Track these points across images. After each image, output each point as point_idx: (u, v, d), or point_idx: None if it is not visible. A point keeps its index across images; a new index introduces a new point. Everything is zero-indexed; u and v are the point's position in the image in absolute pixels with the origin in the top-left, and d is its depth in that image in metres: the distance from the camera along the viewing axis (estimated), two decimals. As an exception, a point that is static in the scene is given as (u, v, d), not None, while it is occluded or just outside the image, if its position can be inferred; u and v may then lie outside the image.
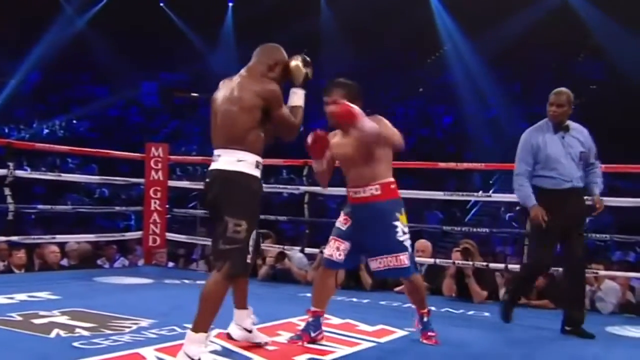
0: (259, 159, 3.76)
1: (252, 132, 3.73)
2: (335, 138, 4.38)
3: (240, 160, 3.69)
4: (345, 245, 4.29)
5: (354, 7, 23.49)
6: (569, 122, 5.11)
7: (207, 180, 3.80)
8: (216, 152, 3.78)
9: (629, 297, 6.56)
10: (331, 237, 4.35)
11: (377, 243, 4.21)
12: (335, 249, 4.31)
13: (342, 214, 4.39)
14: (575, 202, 5.03)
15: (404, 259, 4.17)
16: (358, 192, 4.26)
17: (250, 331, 4.12)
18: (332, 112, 4.17)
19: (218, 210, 3.70)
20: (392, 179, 4.28)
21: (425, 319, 4.45)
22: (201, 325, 3.58)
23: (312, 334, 4.27)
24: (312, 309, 4.35)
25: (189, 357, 3.52)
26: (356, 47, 24.60)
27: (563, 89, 5.18)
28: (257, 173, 3.74)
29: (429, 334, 4.41)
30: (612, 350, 4.68)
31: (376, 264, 4.24)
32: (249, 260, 3.75)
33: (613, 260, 10.57)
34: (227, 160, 3.71)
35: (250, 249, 3.72)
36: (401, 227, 4.19)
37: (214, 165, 3.77)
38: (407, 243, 4.22)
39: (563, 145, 5.04)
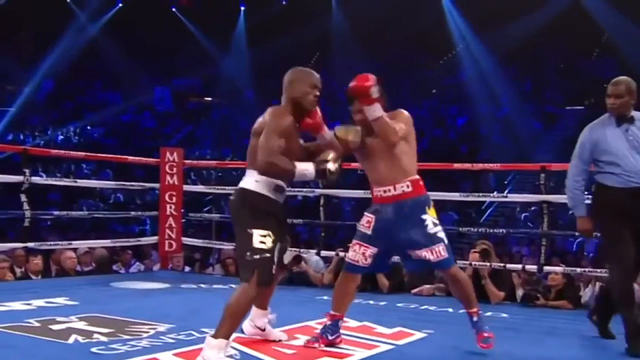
0: (278, 182, 3.88)
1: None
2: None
3: (257, 181, 3.85)
4: (371, 250, 4.21)
5: (365, 9, 23.49)
6: (635, 113, 4.62)
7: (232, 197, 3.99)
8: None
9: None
10: (355, 242, 4.26)
11: (411, 239, 4.11)
12: (361, 255, 4.22)
13: (365, 215, 4.28)
14: None
15: (440, 250, 4.08)
16: (388, 191, 4.17)
17: (263, 329, 4.24)
18: (351, 85, 4.06)
19: (240, 224, 3.82)
20: (418, 175, 4.22)
21: (474, 319, 4.26)
22: (223, 332, 3.65)
23: (330, 337, 4.26)
24: (332, 312, 4.32)
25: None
26: (368, 48, 24.57)
27: (621, 78, 4.72)
28: (267, 193, 3.85)
29: (484, 334, 4.22)
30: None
31: (415, 256, 4.14)
32: (274, 271, 3.85)
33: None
34: (245, 179, 3.92)
35: (276, 259, 3.83)
36: (430, 220, 4.11)
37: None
38: (441, 234, 4.12)
39: (626, 139, 4.51)
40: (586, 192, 4.74)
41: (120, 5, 26.35)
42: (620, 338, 4.75)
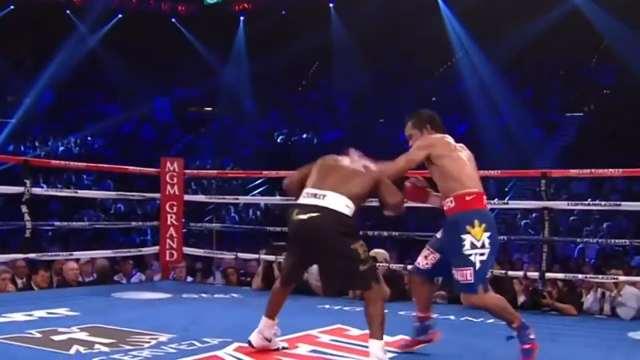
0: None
1: None
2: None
3: (348, 206, 4.12)
4: (434, 256, 4.35)
5: (365, 18, 23.54)
6: None
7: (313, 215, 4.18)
8: None
9: (650, 302, 6.50)
10: (427, 245, 4.45)
11: (449, 256, 4.19)
12: (423, 257, 4.41)
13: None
14: None
15: (467, 274, 4.06)
16: (445, 204, 4.25)
17: (269, 340, 4.29)
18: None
19: (339, 242, 4.07)
20: (469, 190, 4.19)
21: (515, 333, 4.19)
22: (381, 334, 4.04)
23: (420, 338, 4.44)
24: (418, 314, 4.47)
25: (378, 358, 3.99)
26: (368, 57, 24.63)
27: None
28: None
29: (524, 346, 4.14)
30: (634, 356, 4.63)
31: (454, 276, 4.16)
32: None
33: (632, 265, 10.49)
34: (331, 201, 4.16)
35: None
36: (470, 240, 4.06)
37: None
38: (475, 258, 4.06)
39: None
40: None
41: (120, 16, 26.43)
42: (621, 344, 4.76)
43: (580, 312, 6.30)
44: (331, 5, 26.15)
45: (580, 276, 7.04)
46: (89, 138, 24.84)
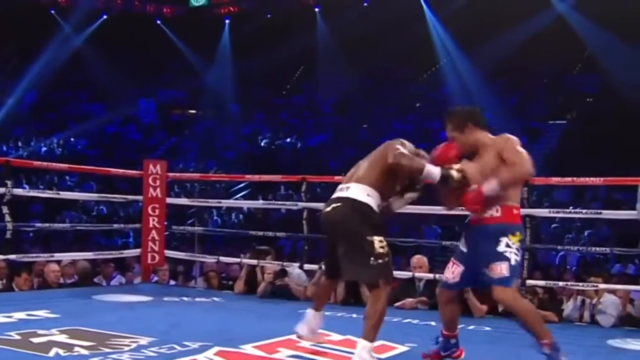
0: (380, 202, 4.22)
1: None
2: (469, 165, 4.28)
3: (369, 195, 4.15)
4: (459, 269, 4.25)
5: (350, 23, 23.61)
6: None
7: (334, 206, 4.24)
8: None
9: (630, 310, 6.54)
10: (452, 258, 4.36)
11: (482, 259, 4.09)
12: (450, 272, 4.30)
13: (463, 235, 4.38)
14: None
15: (502, 267, 4.00)
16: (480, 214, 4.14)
17: (315, 331, 4.52)
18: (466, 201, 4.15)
19: (356, 232, 4.10)
20: (516, 204, 4.15)
21: (547, 352, 3.99)
22: (372, 336, 4.04)
23: (443, 353, 4.40)
24: (444, 332, 4.41)
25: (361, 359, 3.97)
26: (353, 62, 24.66)
27: None
28: (375, 208, 4.17)
29: None
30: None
31: (487, 275, 4.08)
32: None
33: (612, 273, 10.56)
34: (353, 191, 4.20)
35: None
36: (506, 241, 4.04)
37: None
38: (511, 255, 4.02)
39: None
40: None
41: (105, 17, 26.34)
42: (601, 352, 4.78)
43: (560, 320, 6.33)
44: (317, 9, 26.21)
45: (560, 283, 7.08)
46: (72, 139, 24.72)
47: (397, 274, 6.48)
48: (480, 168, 4.16)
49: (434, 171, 4.08)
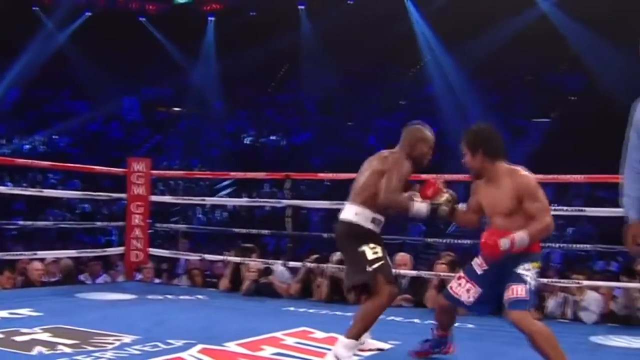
0: (376, 215, 4.32)
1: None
2: (481, 186, 4.25)
3: (357, 214, 4.30)
4: (477, 290, 4.12)
5: (334, 21, 23.59)
6: None
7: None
8: None
9: (612, 306, 6.57)
10: (463, 275, 4.22)
11: (503, 279, 3.98)
12: (465, 291, 4.15)
13: (479, 256, 4.22)
14: None
15: (521, 289, 3.89)
16: None
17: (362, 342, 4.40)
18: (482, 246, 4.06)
19: (349, 249, 4.34)
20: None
21: None
22: (354, 333, 4.11)
23: (432, 350, 4.41)
24: (438, 332, 4.40)
25: (337, 358, 4.03)
26: (337, 60, 24.67)
27: None
28: (364, 224, 4.30)
29: None
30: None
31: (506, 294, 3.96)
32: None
33: (595, 270, 10.61)
34: (346, 211, 4.40)
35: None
36: (525, 265, 3.95)
37: None
38: (529, 278, 3.92)
39: None
40: None
41: (88, 14, 26.20)
42: (583, 349, 4.80)
43: (543, 316, 6.35)
44: (301, 7, 26.18)
45: (543, 280, 7.11)
46: (55, 136, 24.61)
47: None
48: (494, 202, 4.12)
49: (422, 210, 4.27)
